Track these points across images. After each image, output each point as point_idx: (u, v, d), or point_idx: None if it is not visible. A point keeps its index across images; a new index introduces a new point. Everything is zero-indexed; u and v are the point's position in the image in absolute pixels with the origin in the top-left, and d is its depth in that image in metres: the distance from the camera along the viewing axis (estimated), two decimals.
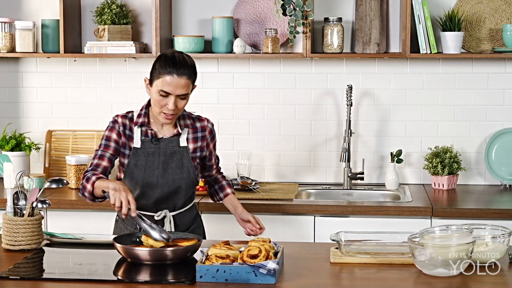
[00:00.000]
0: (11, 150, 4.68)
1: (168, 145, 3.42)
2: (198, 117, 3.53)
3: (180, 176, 3.42)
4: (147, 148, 3.40)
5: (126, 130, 3.41)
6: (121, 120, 3.44)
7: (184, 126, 3.45)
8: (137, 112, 3.45)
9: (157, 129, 3.43)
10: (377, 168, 4.80)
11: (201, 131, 3.50)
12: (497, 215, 4.07)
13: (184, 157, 3.44)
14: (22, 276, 2.84)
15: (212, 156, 3.61)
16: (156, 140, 3.41)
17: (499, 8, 4.63)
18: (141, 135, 3.41)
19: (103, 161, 3.38)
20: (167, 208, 3.45)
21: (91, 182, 3.26)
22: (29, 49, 4.72)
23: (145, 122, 3.41)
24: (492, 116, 4.72)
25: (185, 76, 3.27)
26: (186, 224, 3.52)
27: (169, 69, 3.26)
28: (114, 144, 3.41)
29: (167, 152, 3.42)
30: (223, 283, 2.71)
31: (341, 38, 4.60)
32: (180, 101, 3.31)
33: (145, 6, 4.82)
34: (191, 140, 3.47)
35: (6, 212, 3.20)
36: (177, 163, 3.42)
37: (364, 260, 2.98)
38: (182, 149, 3.44)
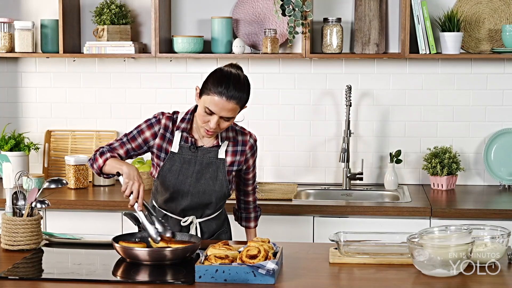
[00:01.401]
0: (10, 150, 4.68)
1: (205, 155, 3.35)
2: (242, 129, 3.42)
3: (212, 188, 3.36)
4: (184, 155, 3.34)
5: (167, 132, 3.34)
6: (165, 121, 3.35)
7: (225, 139, 3.36)
8: (181, 114, 3.37)
9: (198, 137, 3.35)
10: (376, 168, 4.80)
11: (241, 145, 3.40)
12: (496, 216, 4.07)
13: (219, 169, 3.36)
14: (21, 276, 2.83)
15: (249, 171, 3.50)
16: (194, 148, 3.34)
17: (498, 8, 4.63)
18: (181, 140, 3.34)
19: (121, 149, 3.33)
20: (194, 214, 3.41)
21: (104, 158, 3.26)
22: (28, 49, 4.72)
23: (187, 128, 3.33)
24: (491, 116, 4.72)
25: (235, 100, 3.15)
26: (213, 231, 3.48)
27: (219, 89, 3.15)
28: (141, 141, 3.34)
29: (204, 162, 3.35)
30: (222, 284, 2.71)
31: (340, 39, 4.60)
32: (224, 122, 3.20)
33: (144, 6, 4.82)
34: (230, 153, 3.38)
35: (5, 212, 3.20)
36: (212, 175, 3.35)
37: (363, 260, 2.97)
38: (219, 161, 3.36)
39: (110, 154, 3.27)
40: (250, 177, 3.53)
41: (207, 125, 3.21)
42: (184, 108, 4.81)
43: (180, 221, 3.40)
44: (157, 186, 3.42)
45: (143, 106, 4.90)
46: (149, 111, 4.86)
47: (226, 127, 3.24)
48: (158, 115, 3.38)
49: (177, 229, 3.38)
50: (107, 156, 3.27)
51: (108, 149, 3.31)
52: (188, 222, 3.40)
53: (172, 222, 3.41)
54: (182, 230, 3.39)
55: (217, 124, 3.19)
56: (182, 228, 3.39)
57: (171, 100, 4.87)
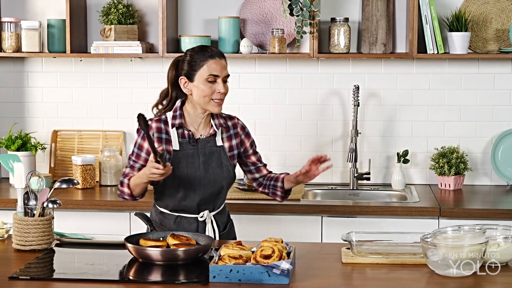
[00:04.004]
0: (17, 150, 4.67)
1: (205, 145, 3.42)
2: (228, 115, 3.54)
3: (221, 175, 3.42)
4: (186, 150, 3.38)
5: (162, 134, 3.39)
6: (156, 124, 3.41)
7: (219, 125, 3.45)
8: (170, 114, 3.42)
9: (194, 130, 3.42)
10: (383, 168, 4.79)
11: (233, 128, 3.50)
12: (505, 216, 4.07)
13: (222, 156, 3.43)
14: (32, 276, 2.83)
15: (249, 154, 3.56)
16: (194, 141, 3.40)
17: (506, 8, 4.63)
18: (179, 137, 3.39)
19: (133, 171, 3.40)
20: (207, 209, 3.44)
21: (125, 186, 3.36)
22: (35, 49, 4.72)
23: (181, 123, 3.39)
24: (499, 116, 4.72)
25: (224, 59, 3.38)
26: (223, 223, 3.52)
27: (208, 54, 3.34)
28: (145, 154, 3.39)
29: (206, 152, 3.41)
30: (236, 284, 2.70)
31: (347, 38, 4.59)
32: (226, 85, 3.37)
33: (151, 6, 4.81)
34: (226, 139, 3.47)
35: (17, 212, 3.20)
36: (217, 163, 3.42)
37: (376, 260, 2.97)
38: (219, 149, 3.44)
39: (126, 179, 3.36)
40: (254, 160, 3.58)
41: (215, 94, 3.33)
42: None
43: (195, 219, 3.41)
44: (163, 190, 3.41)
45: (149, 106, 4.86)
46: None
47: (228, 91, 3.37)
48: None
49: (194, 228, 3.40)
50: (126, 182, 3.36)
51: (123, 177, 3.40)
52: (205, 217, 3.42)
53: (187, 221, 3.41)
54: (199, 226, 3.41)
55: (224, 88, 3.35)
56: (199, 224, 3.41)
57: None
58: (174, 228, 3.41)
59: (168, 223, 3.44)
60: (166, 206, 3.45)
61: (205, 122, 3.44)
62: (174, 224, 3.42)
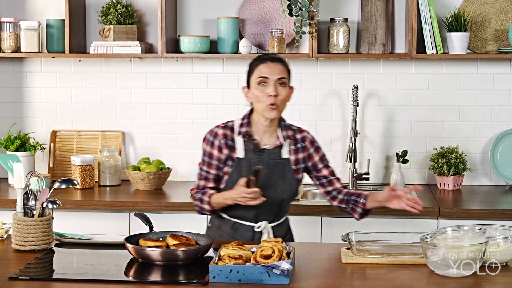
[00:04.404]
0: (16, 150, 4.67)
1: (270, 156, 3.39)
2: (299, 128, 3.49)
3: (283, 187, 3.38)
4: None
5: (228, 141, 3.39)
6: (222, 131, 3.40)
7: (286, 137, 3.41)
8: (238, 121, 3.42)
9: (260, 139, 3.40)
10: (382, 168, 4.80)
11: (301, 141, 3.45)
12: (505, 216, 4.07)
13: (286, 169, 3.40)
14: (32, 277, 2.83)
15: (320, 168, 3.48)
16: (259, 150, 3.38)
17: (505, 8, 4.63)
18: (244, 145, 3.37)
19: (208, 183, 3.42)
20: (266, 219, 3.41)
21: (206, 203, 3.38)
22: (34, 49, 4.71)
23: (248, 131, 3.38)
24: (498, 116, 4.72)
25: (279, 62, 3.35)
26: (281, 235, 3.46)
27: (262, 58, 3.36)
28: (217, 162, 3.39)
29: (270, 163, 3.38)
30: (236, 284, 2.70)
31: (346, 39, 4.60)
32: (280, 88, 3.31)
33: (151, 6, 4.81)
34: (292, 152, 3.42)
35: (16, 213, 3.20)
36: (280, 175, 3.39)
37: (376, 260, 2.97)
38: (284, 161, 3.40)
39: (206, 197, 3.38)
40: (326, 173, 3.49)
41: (267, 99, 3.29)
42: (190, 107, 4.84)
43: (252, 227, 3.40)
44: None
45: (148, 106, 4.89)
46: (155, 111, 4.87)
47: (285, 97, 3.33)
48: (212, 129, 3.43)
49: (249, 236, 3.40)
50: (207, 200, 3.38)
51: (200, 193, 3.41)
52: (262, 228, 3.40)
53: (244, 229, 3.41)
54: (255, 236, 3.39)
55: (276, 90, 3.29)
56: (255, 234, 3.39)
57: (177, 100, 4.86)
58: (231, 234, 3.41)
59: (225, 228, 3.44)
60: (224, 211, 3.43)
61: (271, 132, 3.40)
62: (231, 230, 3.42)
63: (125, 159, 4.92)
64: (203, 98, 4.85)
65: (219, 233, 3.46)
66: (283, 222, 3.50)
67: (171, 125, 4.88)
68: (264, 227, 3.40)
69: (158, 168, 4.60)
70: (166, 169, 4.67)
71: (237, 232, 3.41)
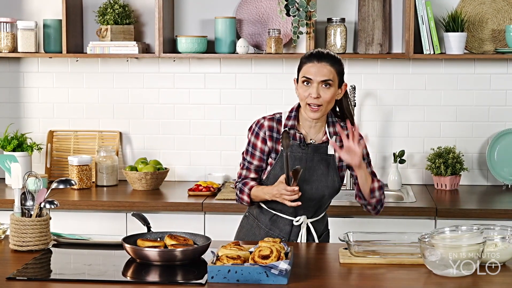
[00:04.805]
0: (13, 151, 4.66)
1: (316, 151, 3.35)
2: (346, 125, 3.39)
3: (325, 184, 3.35)
4: (295, 152, 3.34)
5: (273, 133, 3.37)
6: (268, 123, 3.38)
7: (333, 134, 3.37)
8: (285, 113, 3.39)
9: (306, 133, 3.38)
10: (379, 168, 4.79)
11: None
12: (502, 216, 4.08)
13: (330, 166, 3.36)
14: (30, 277, 2.82)
15: None
16: (304, 145, 3.35)
17: (502, 9, 4.64)
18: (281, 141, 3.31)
19: (250, 173, 3.42)
20: (305, 214, 3.39)
21: (246, 194, 3.38)
22: (31, 49, 4.71)
23: (294, 125, 3.35)
24: (495, 116, 4.72)
25: (326, 63, 3.26)
26: (319, 231, 3.45)
27: (309, 57, 3.28)
28: (260, 153, 3.39)
29: (314, 158, 3.35)
30: (235, 284, 2.70)
31: (344, 39, 4.60)
32: (325, 90, 3.25)
33: (148, 6, 4.81)
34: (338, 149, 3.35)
35: (14, 213, 3.19)
36: (323, 171, 3.35)
37: (374, 260, 2.97)
38: (329, 157, 3.36)
39: (247, 189, 3.38)
40: None
41: (309, 99, 3.25)
42: (187, 107, 4.84)
43: (291, 221, 3.38)
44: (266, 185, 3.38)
45: (146, 106, 4.89)
46: (152, 111, 4.87)
47: (329, 98, 3.26)
48: (258, 120, 3.41)
49: (287, 230, 3.38)
50: (247, 192, 3.38)
51: (241, 183, 3.40)
52: (300, 222, 3.38)
53: (282, 222, 3.39)
54: (293, 230, 3.38)
55: (318, 93, 3.23)
56: (293, 228, 3.38)
57: (174, 100, 4.86)
58: (269, 226, 3.40)
59: (264, 219, 3.42)
60: (265, 202, 3.41)
61: (318, 127, 3.37)
62: (269, 221, 3.41)
63: (122, 159, 4.92)
64: (200, 98, 4.85)
65: (256, 223, 3.44)
66: (322, 218, 3.47)
67: (168, 125, 4.88)
68: (303, 222, 3.38)
69: (155, 168, 4.60)
70: (163, 169, 4.66)
71: (275, 225, 3.39)
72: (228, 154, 4.78)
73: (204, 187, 4.42)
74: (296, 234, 3.38)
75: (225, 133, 4.82)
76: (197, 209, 4.24)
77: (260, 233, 3.42)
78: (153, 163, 4.64)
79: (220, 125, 4.84)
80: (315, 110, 3.26)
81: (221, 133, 4.85)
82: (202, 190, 4.41)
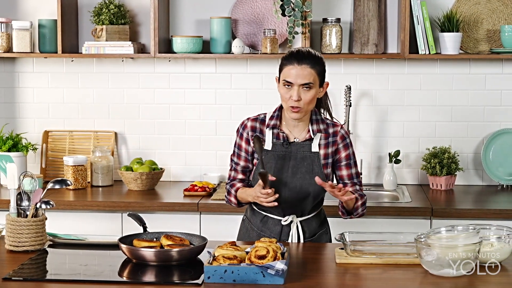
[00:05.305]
0: (8, 151, 4.65)
1: (299, 149, 3.36)
2: (333, 123, 3.41)
3: (309, 181, 3.33)
4: (278, 151, 3.35)
5: (256, 133, 3.38)
6: (251, 123, 3.41)
7: (317, 131, 3.36)
8: (269, 114, 3.41)
9: (289, 132, 3.38)
10: (375, 168, 4.80)
11: (332, 136, 3.37)
12: (497, 215, 4.08)
13: (314, 163, 3.35)
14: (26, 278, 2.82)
15: (341, 165, 3.40)
16: (287, 143, 3.36)
17: (497, 9, 4.64)
18: (273, 137, 3.37)
19: (238, 174, 3.45)
20: (294, 213, 3.39)
21: (233, 196, 3.43)
22: (26, 49, 4.70)
23: (277, 124, 3.37)
24: (490, 116, 4.73)
25: (306, 65, 3.24)
26: (313, 230, 3.44)
27: (290, 59, 3.27)
28: (245, 154, 3.41)
29: (298, 156, 3.35)
30: (231, 284, 2.70)
31: (339, 39, 4.60)
32: (305, 92, 3.24)
33: (143, 6, 4.81)
34: (322, 146, 3.36)
35: (10, 213, 3.18)
36: (307, 168, 3.34)
37: (370, 260, 2.97)
38: (313, 155, 3.35)
39: (233, 191, 3.42)
40: (344, 174, 3.40)
41: (290, 101, 3.25)
42: (182, 107, 4.84)
43: (280, 221, 3.39)
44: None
45: (141, 106, 4.88)
46: (148, 112, 4.86)
47: (310, 100, 3.26)
48: (243, 121, 3.44)
49: (278, 230, 3.39)
50: (233, 194, 3.43)
51: (229, 185, 3.44)
52: (289, 221, 3.38)
53: (272, 222, 3.40)
54: (283, 230, 3.38)
55: (299, 95, 3.23)
56: (283, 228, 3.38)
57: (169, 100, 4.86)
58: (260, 227, 3.42)
59: (255, 221, 3.44)
60: (255, 204, 3.42)
61: (301, 126, 3.37)
62: (260, 223, 3.42)
63: (117, 159, 4.91)
64: (195, 98, 4.85)
65: (250, 226, 3.46)
66: (314, 217, 3.45)
67: (163, 125, 4.88)
68: (292, 221, 3.38)
69: (150, 168, 4.59)
70: (159, 169, 4.66)
71: (266, 226, 3.40)
72: (223, 154, 4.78)
73: (200, 187, 4.42)
74: (287, 234, 3.39)
75: (221, 133, 4.82)
76: (192, 209, 4.24)
77: (253, 235, 3.44)
78: (148, 163, 4.64)
79: (216, 125, 4.84)
80: (296, 111, 3.28)
81: (216, 133, 4.85)
82: (198, 190, 4.41)
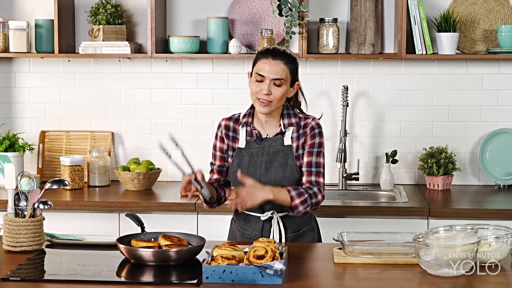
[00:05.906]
0: (5, 151, 4.62)
1: (271, 144, 3.38)
2: (306, 116, 3.42)
3: (282, 175, 3.33)
4: (251, 148, 3.38)
5: (229, 132, 3.42)
6: (224, 123, 3.46)
7: (288, 125, 3.37)
8: (243, 112, 3.45)
9: (261, 129, 3.41)
10: (372, 168, 4.80)
11: (303, 127, 3.37)
12: (494, 215, 4.08)
13: (288, 156, 3.36)
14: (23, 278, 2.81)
15: (302, 152, 3.37)
16: (260, 140, 3.38)
17: (493, 9, 4.65)
18: (246, 135, 3.40)
19: (213, 175, 3.49)
20: (274, 209, 3.37)
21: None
22: (22, 49, 4.69)
23: (248, 121, 3.40)
24: (486, 116, 4.74)
25: (281, 61, 3.27)
26: (296, 226, 3.43)
27: (265, 53, 3.31)
28: (219, 152, 3.45)
29: (271, 151, 3.37)
30: (230, 284, 2.70)
31: (336, 39, 4.60)
32: (276, 88, 3.27)
33: (140, 6, 4.80)
34: (295, 139, 3.37)
35: (7, 213, 3.18)
36: (280, 162, 3.35)
37: (368, 260, 2.97)
38: (286, 148, 3.37)
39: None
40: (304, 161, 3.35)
41: (260, 94, 3.27)
42: (179, 107, 4.84)
43: (259, 217, 3.38)
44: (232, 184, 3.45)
45: (138, 107, 4.88)
46: (144, 112, 4.86)
47: (280, 96, 3.28)
48: (219, 122, 3.48)
49: (259, 227, 3.39)
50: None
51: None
52: (268, 217, 3.37)
53: (254, 220, 3.40)
54: (264, 226, 3.38)
55: (269, 89, 3.26)
56: (264, 224, 3.38)
57: (166, 100, 4.85)
58: (243, 226, 3.43)
59: (239, 220, 3.46)
60: None
61: (272, 121, 3.39)
62: (243, 221, 3.43)
63: (114, 159, 4.91)
64: (192, 98, 4.85)
65: (235, 227, 3.48)
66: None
67: (160, 126, 4.87)
68: (271, 217, 3.37)
69: (147, 168, 4.59)
70: (156, 169, 4.66)
71: (248, 224, 3.41)
72: None
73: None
74: (268, 230, 3.39)
75: None
76: (190, 210, 4.24)
77: (237, 235, 3.46)
78: (145, 163, 4.64)
79: (213, 125, 4.82)
80: (265, 105, 3.29)
81: (213, 133, 4.83)
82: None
